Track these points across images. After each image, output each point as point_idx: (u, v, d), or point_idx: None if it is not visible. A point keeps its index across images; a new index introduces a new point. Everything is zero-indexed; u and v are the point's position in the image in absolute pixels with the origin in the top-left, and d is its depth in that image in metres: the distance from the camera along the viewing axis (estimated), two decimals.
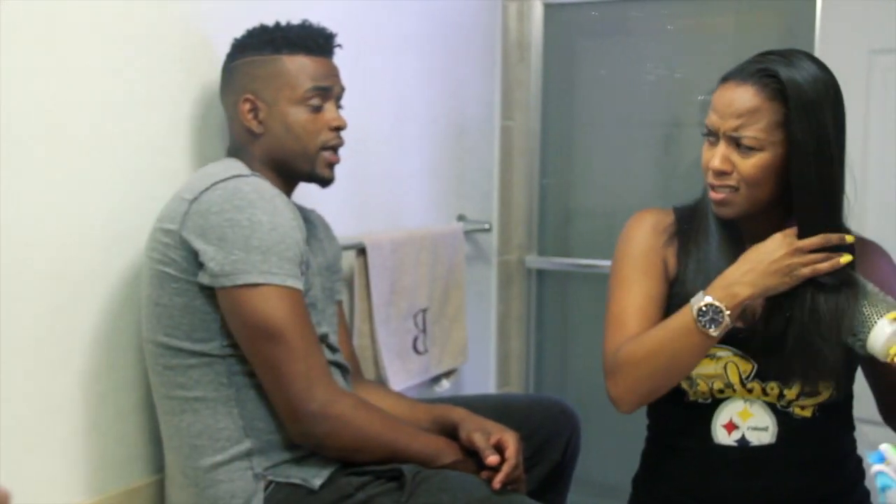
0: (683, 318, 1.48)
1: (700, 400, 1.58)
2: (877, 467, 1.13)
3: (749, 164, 1.48)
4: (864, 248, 1.59)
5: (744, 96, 1.47)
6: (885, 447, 1.13)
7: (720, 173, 1.50)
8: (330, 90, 1.65)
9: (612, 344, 1.59)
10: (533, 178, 2.91)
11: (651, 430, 1.73)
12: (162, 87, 1.67)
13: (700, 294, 1.48)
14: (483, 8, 2.71)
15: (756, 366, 1.53)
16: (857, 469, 1.64)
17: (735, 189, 1.50)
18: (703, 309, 1.45)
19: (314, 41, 1.64)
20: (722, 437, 1.56)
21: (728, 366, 1.54)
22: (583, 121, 2.93)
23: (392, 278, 2.23)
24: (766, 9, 2.64)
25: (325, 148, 1.64)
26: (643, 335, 1.54)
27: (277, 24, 1.64)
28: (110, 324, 1.59)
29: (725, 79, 1.51)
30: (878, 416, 1.62)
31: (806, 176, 1.46)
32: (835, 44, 2.30)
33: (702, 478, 1.58)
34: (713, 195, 1.53)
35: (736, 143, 1.48)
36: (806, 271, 1.45)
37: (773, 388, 1.53)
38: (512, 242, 2.92)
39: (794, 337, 1.49)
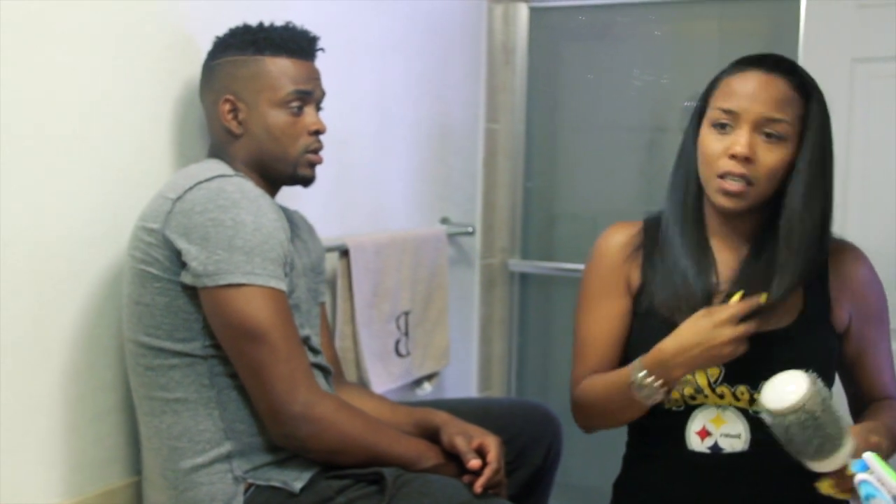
0: (623, 380, 1.52)
1: (674, 408, 1.58)
2: (860, 476, 1.13)
3: (774, 157, 1.47)
4: (842, 253, 1.59)
5: (777, 84, 1.46)
6: (867, 456, 1.13)
7: (745, 160, 1.46)
8: (311, 94, 1.64)
9: (574, 374, 1.68)
10: (517, 181, 2.92)
11: (630, 437, 1.74)
12: (144, 85, 1.66)
13: (638, 365, 1.49)
14: (468, 11, 2.71)
15: (723, 370, 1.53)
16: None
17: (750, 182, 1.47)
18: (639, 384, 1.48)
19: (297, 44, 1.63)
20: (695, 444, 1.55)
21: (696, 371, 1.54)
22: (567, 124, 2.93)
23: (375, 280, 2.23)
24: (750, 16, 2.65)
25: (306, 151, 1.63)
26: (593, 381, 1.60)
27: (261, 25, 1.63)
28: (90, 324, 1.58)
29: (744, 65, 1.49)
30: None
31: (813, 176, 1.49)
32: (818, 52, 2.32)
33: (677, 485, 1.59)
34: (728, 185, 1.47)
35: (763, 131, 1.46)
36: (739, 335, 1.42)
37: (742, 392, 1.52)
38: (495, 246, 2.92)
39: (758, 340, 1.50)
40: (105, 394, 1.62)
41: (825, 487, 1.32)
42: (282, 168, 1.63)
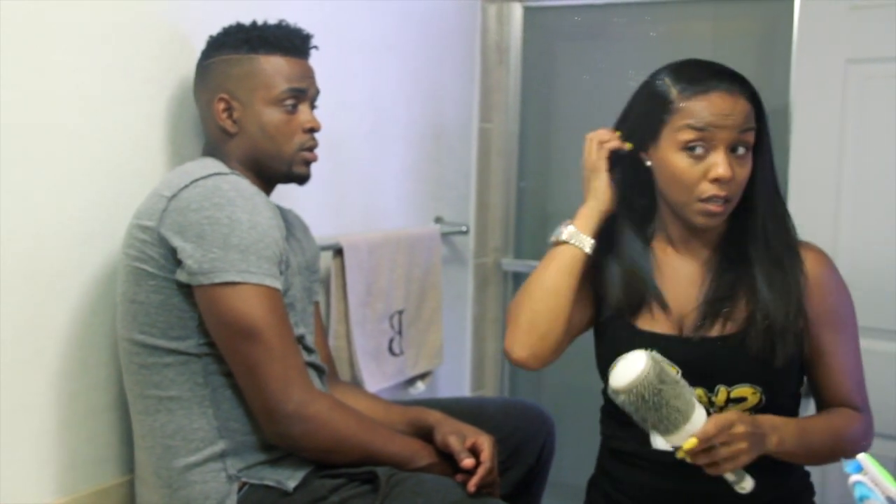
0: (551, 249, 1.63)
1: None
2: (854, 477, 1.13)
3: (745, 171, 1.50)
4: (805, 255, 1.57)
5: (740, 102, 1.48)
6: (861, 457, 1.13)
7: (727, 182, 1.47)
8: (305, 92, 1.64)
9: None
10: (510, 180, 2.92)
11: (601, 434, 1.74)
12: (138, 83, 1.66)
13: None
14: (462, 10, 2.71)
15: (680, 372, 1.52)
16: (802, 480, 1.65)
17: (729, 200, 1.50)
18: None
19: (291, 42, 1.63)
20: (660, 442, 1.55)
21: None
22: (561, 124, 2.93)
23: (369, 280, 2.22)
24: (744, 17, 2.65)
25: (301, 149, 1.64)
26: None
27: (254, 24, 1.63)
28: (84, 321, 1.58)
29: (701, 84, 1.49)
30: (883, 429, 1.62)
31: (771, 177, 1.54)
32: (812, 52, 2.32)
33: (643, 482, 1.59)
34: (712, 208, 1.48)
35: (732, 150, 1.48)
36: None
37: (700, 393, 1.52)
38: (488, 245, 2.92)
39: (718, 344, 1.53)
40: (98, 392, 1.61)
41: (680, 454, 1.36)
42: (277, 166, 1.63)
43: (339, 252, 2.14)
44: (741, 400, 1.52)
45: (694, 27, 2.75)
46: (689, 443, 1.33)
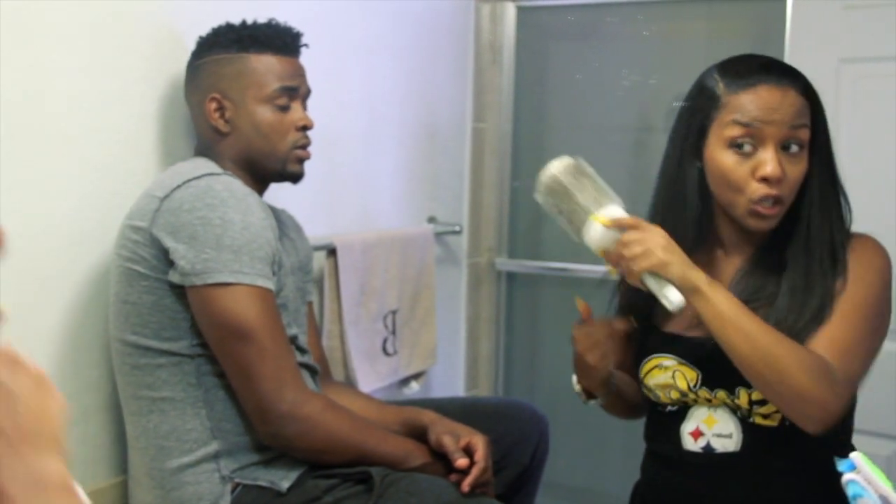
0: None
1: (668, 408, 1.58)
2: (848, 476, 1.12)
3: (798, 170, 1.43)
4: (851, 245, 1.50)
5: (791, 95, 1.41)
6: (855, 455, 1.13)
7: (778, 181, 1.41)
8: (297, 90, 1.64)
9: None
10: (504, 180, 2.92)
11: (644, 438, 1.72)
12: (130, 83, 1.65)
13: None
14: (456, 10, 2.71)
15: (701, 374, 1.52)
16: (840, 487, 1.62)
17: (782, 202, 1.43)
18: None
19: (281, 40, 1.63)
20: (689, 443, 1.54)
21: (675, 374, 1.52)
22: (554, 124, 2.93)
23: (362, 280, 2.22)
24: (737, 17, 2.66)
25: (294, 147, 1.64)
26: None
27: (244, 23, 1.63)
28: (76, 323, 1.57)
29: (749, 78, 1.43)
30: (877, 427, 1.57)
31: (825, 183, 1.46)
32: (804, 52, 2.32)
33: (675, 485, 1.58)
34: (763, 209, 1.42)
35: (784, 146, 1.41)
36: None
37: (722, 395, 1.50)
38: (482, 245, 2.92)
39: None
40: (91, 393, 1.61)
41: (599, 252, 1.43)
42: (271, 164, 1.63)
43: (332, 252, 2.13)
44: (765, 402, 1.46)
45: (687, 27, 2.76)
46: (599, 219, 1.41)
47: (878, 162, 2.26)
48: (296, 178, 1.67)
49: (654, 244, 1.37)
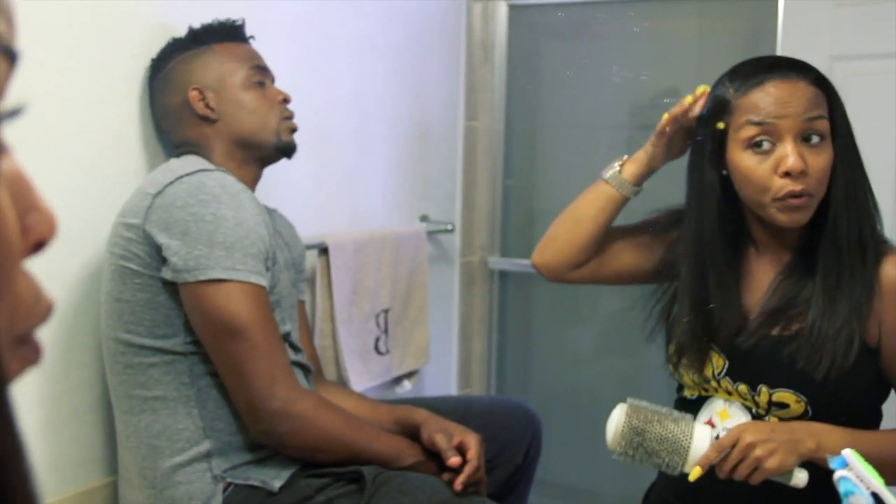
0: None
1: (689, 396, 1.58)
2: (839, 473, 1.12)
3: (822, 160, 1.41)
4: (890, 259, 1.46)
5: (801, 85, 1.40)
6: (846, 452, 1.13)
7: (800, 174, 1.38)
8: (267, 69, 1.68)
9: None
10: (496, 179, 2.91)
11: None
12: (120, 81, 1.65)
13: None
14: (447, 8, 2.71)
15: (728, 363, 1.51)
16: None
17: (810, 194, 1.40)
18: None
19: (233, 29, 1.67)
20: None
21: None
22: (547, 122, 2.93)
23: (354, 278, 2.22)
24: (728, 14, 2.66)
25: (282, 119, 1.66)
26: None
27: (190, 27, 1.66)
28: (67, 321, 1.57)
29: (757, 77, 1.42)
30: None
31: (852, 167, 1.44)
32: (796, 50, 2.32)
33: (683, 476, 1.58)
34: (792, 202, 1.40)
35: (804, 137, 1.40)
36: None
37: (744, 391, 1.50)
38: (475, 243, 2.92)
39: (770, 341, 1.48)
40: (82, 392, 1.60)
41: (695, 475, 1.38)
42: (265, 139, 1.63)
43: (324, 251, 2.13)
44: (783, 406, 1.46)
45: (679, 25, 2.76)
46: (694, 472, 1.35)
47: (870, 160, 2.24)
48: (290, 149, 1.67)
49: (758, 456, 1.34)
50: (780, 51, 2.35)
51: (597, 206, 1.65)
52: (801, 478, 1.35)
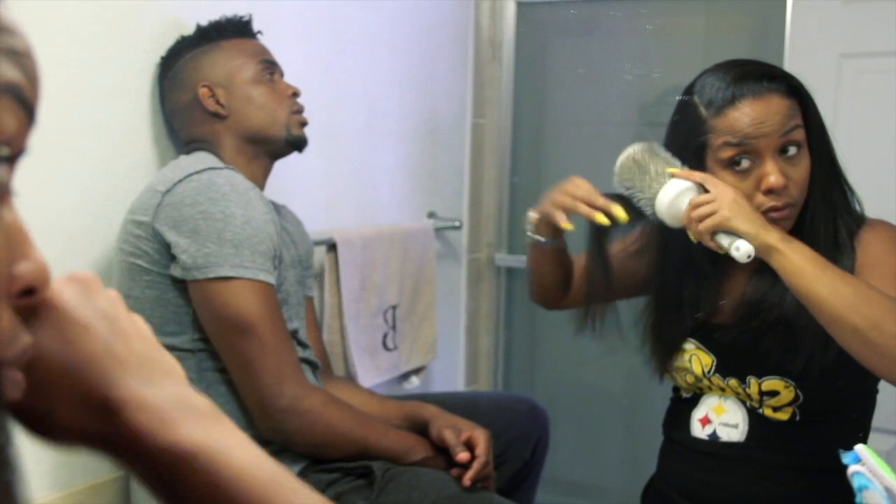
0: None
1: (684, 394, 1.60)
2: (853, 468, 1.13)
3: (801, 170, 1.42)
4: (862, 237, 1.48)
5: (774, 101, 1.40)
6: (859, 448, 1.13)
7: (782, 190, 1.40)
8: (275, 64, 1.68)
9: None
10: (504, 176, 2.91)
11: (661, 426, 1.73)
12: (129, 77, 1.65)
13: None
14: (455, 5, 2.71)
15: (715, 360, 1.54)
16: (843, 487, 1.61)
17: (791, 205, 1.42)
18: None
19: (242, 25, 1.67)
20: (697, 430, 1.57)
21: (692, 358, 1.55)
22: (554, 119, 2.93)
23: (362, 275, 2.22)
24: (737, 12, 2.66)
25: (292, 112, 1.66)
26: None
27: (198, 25, 1.66)
28: None
29: (730, 92, 1.41)
30: (876, 422, 1.55)
31: (823, 174, 1.45)
32: (805, 47, 2.32)
33: (682, 471, 1.60)
34: (775, 216, 1.41)
35: (782, 152, 1.40)
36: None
37: (734, 384, 1.52)
38: (482, 240, 2.92)
39: (751, 332, 1.48)
40: None
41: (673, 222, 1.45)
42: (276, 133, 1.64)
43: (332, 247, 2.13)
44: (774, 394, 1.48)
45: (687, 22, 2.76)
46: (673, 171, 1.43)
47: (878, 157, 2.26)
48: (301, 143, 1.68)
49: (723, 202, 1.36)
50: (789, 48, 2.35)
51: (542, 262, 1.73)
52: (744, 246, 1.33)
